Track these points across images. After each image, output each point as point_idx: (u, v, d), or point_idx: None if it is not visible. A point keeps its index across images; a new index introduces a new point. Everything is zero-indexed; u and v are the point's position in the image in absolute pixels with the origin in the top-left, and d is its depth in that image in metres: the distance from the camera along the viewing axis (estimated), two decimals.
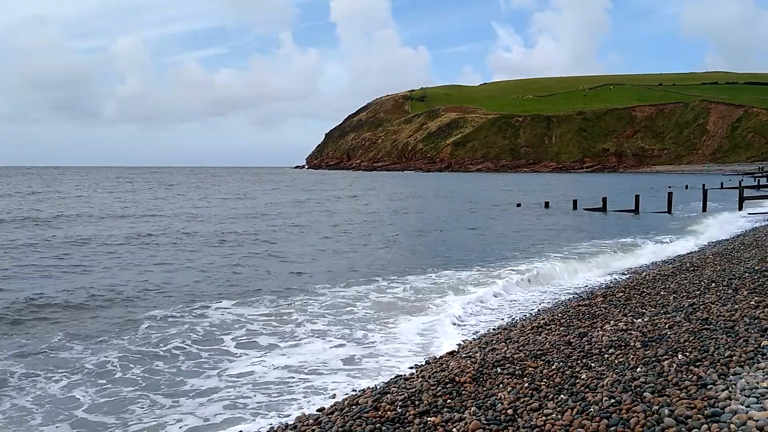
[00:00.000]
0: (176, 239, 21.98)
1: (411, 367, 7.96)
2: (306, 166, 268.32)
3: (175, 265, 16.63)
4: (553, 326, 8.77)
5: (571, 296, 12.91)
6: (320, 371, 8.21)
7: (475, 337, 9.55)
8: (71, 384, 7.75)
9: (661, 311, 8.70)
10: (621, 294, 11.05)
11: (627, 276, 15.03)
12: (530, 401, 5.47)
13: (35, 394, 7.43)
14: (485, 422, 5.13)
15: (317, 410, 6.35)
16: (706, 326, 7.25)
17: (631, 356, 6.41)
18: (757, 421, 4.31)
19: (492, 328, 10.12)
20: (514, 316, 11.06)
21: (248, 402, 7.18)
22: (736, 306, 8.13)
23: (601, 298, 10.80)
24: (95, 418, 6.76)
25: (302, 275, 15.36)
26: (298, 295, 12.91)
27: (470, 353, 7.64)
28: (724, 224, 27.67)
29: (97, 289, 12.95)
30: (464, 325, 10.56)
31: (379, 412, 5.68)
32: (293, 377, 8.01)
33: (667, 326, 7.55)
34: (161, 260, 17.26)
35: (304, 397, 7.25)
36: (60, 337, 9.58)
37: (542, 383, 5.92)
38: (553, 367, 6.41)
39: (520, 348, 7.46)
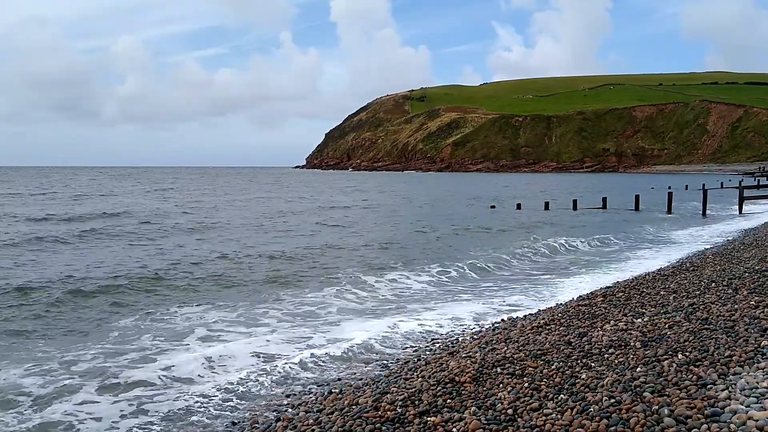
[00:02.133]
0: None
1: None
2: (306, 166, 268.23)
3: None
4: (553, 326, 8.76)
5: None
6: None
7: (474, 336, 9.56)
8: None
9: (661, 311, 8.70)
10: (621, 294, 11.05)
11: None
12: (530, 401, 5.47)
13: None
14: (485, 422, 5.13)
15: (317, 410, 6.35)
16: (706, 326, 7.25)
17: (631, 356, 6.41)
18: (757, 421, 4.32)
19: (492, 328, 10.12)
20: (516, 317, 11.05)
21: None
22: (736, 306, 8.13)
23: (601, 298, 10.80)
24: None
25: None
26: None
27: (470, 353, 7.64)
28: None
29: None
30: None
31: (379, 412, 5.68)
32: None
33: (667, 326, 7.55)
34: None
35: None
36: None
37: (542, 383, 5.91)
38: (553, 366, 6.41)
39: (520, 348, 7.46)
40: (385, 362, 8.45)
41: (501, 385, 6.03)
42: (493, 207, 40.80)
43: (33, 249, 18.90)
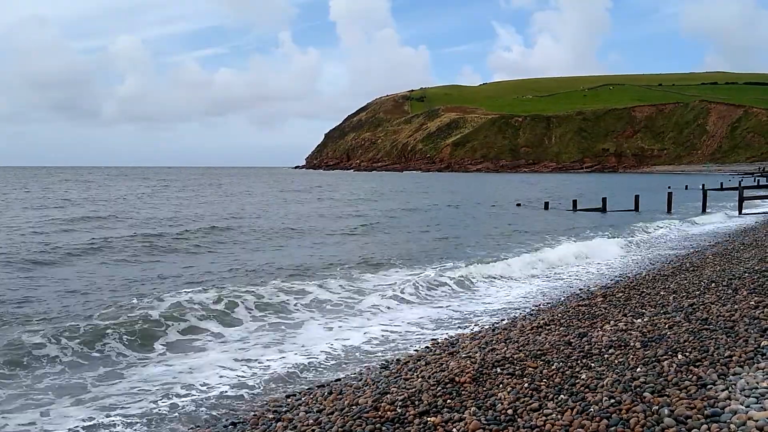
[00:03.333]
0: None
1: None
2: (306, 167, 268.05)
3: None
4: (553, 326, 8.77)
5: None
6: None
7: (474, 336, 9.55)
8: None
9: (661, 311, 8.70)
10: (621, 294, 11.06)
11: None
12: (530, 401, 5.47)
13: None
14: (485, 422, 5.13)
15: (317, 410, 6.35)
16: (705, 326, 7.25)
17: (631, 356, 6.41)
18: (756, 421, 4.32)
19: (492, 327, 10.12)
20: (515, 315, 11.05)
21: None
22: (735, 306, 8.13)
23: (601, 298, 10.81)
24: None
25: None
26: None
27: (470, 353, 7.64)
28: None
29: None
30: None
31: (379, 412, 5.68)
32: None
33: (666, 326, 7.55)
34: None
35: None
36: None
37: (542, 383, 5.91)
38: (553, 367, 6.41)
39: (520, 348, 7.45)
40: (385, 362, 8.44)
41: (501, 386, 6.03)
42: (493, 206, 40.83)
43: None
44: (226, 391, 7.58)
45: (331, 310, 11.87)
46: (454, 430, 5.12)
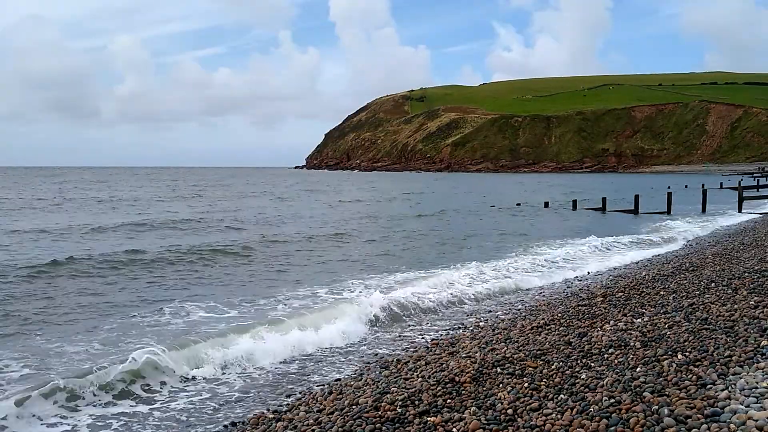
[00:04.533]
0: None
1: None
2: (306, 167, 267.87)
3: None
4: (552, 326, 8.78)
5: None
6: None
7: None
8: None
9: (661, 311, 8.71)
10: (621, 294, 11.06)
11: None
12: (530, 401, 5.47)
13: None
14: (485, 422, 5.13)
15: (317, 410, 6.35)
16: (705, 326, 7.26)
17: (631, 356, 6.42)
18: (756, 420, 4.32)
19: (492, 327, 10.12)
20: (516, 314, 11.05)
21: None
22: (735, 306, 8.14)
23: (601, 298, 10.81)
24: None
25: None
26: None
27: (470, 353, 7.64)
28: None
29: None
30: None
31: (379, 412, 5.68)
32: None
33: (666, 326, 7.56)
34: None
35: None
36: None
37: (542, 383, 5.92)
38: (553, 366, 6.42)
39: (520, 348, 7.46)
40: (385, 362, 8.44)
41: (501, 385, 6.04)
42: (493, 206, 40.80)
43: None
44: (234, 388, 7.61)
45: None
46: (454, 429, 5.12)
